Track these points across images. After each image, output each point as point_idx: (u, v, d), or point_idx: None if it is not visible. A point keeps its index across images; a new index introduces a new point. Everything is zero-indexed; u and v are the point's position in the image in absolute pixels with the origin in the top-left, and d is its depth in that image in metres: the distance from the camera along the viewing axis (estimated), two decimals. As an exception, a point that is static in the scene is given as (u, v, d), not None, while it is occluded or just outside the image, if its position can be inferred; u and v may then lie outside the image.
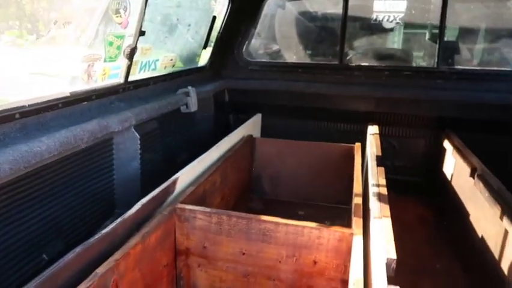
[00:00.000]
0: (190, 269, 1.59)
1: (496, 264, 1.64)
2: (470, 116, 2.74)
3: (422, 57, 3.13)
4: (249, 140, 2.64)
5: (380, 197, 1.54)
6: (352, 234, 1.39)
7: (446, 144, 2.61)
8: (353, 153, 2.36)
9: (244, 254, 1.51)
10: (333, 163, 2.58)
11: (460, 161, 2.28)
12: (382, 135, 2.53)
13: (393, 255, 1.12)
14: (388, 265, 1.09)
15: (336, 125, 3.01)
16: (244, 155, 2.56)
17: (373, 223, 1.37)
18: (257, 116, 3.01)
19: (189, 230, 1.55)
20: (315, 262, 1.46)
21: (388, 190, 1.63)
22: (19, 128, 1.34)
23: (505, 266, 1.57)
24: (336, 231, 1.41)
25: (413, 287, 1.83)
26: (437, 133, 2.80)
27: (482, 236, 1.86)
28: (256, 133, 2.96)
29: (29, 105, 1.34)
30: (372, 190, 1.63)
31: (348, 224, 1.58)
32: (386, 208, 1.44)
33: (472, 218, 2.03)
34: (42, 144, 1.31)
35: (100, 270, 1.14)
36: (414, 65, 3.12)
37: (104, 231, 1.25)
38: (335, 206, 2.56)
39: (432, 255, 2.14)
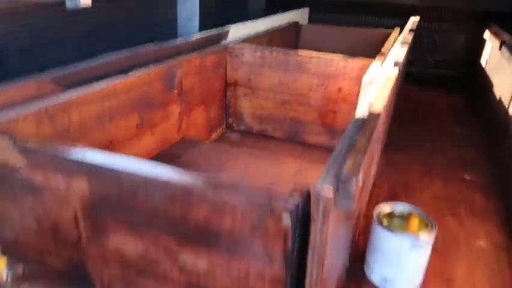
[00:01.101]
0: (237, 98, 1.94)
1: (506, 112, 1.84)
2: None
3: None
4: (294, 25, 2.87)
5: (404, 44, 1.76)
6: (373, 62, 1.65)
7: (487, 35, 2.70)
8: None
9: (282, 84, 1.83)
10: (375, 46, 2.76)
11: (496, 43, 2.39)
12: (424, 29, 2.66)
13: (401, 60, 1.37)
14: (396, 64, 1.35)
15: (380, 19, 3.15)
16: (289, 37, 2.81)
17: (393, 49, 1.61)
18: (305, 9, 3.21)
19: (238, 65, 1.88)
20: (339, 89, 1.74)
21: (425, 82, 1.74)
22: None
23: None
24: (360, 60, 1.68)
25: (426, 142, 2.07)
26: (479, 27, 2.87)
27: (500, 98, 2.03)
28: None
29: None
30: (400, 39, 1.85)
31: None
32: (406, 45, 1.67)
33: (495, 88, 2.20)
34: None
35: (171, 62, 1.50)
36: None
37: (173, 42, 1.60)
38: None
39: (454, 124, 2.35)
